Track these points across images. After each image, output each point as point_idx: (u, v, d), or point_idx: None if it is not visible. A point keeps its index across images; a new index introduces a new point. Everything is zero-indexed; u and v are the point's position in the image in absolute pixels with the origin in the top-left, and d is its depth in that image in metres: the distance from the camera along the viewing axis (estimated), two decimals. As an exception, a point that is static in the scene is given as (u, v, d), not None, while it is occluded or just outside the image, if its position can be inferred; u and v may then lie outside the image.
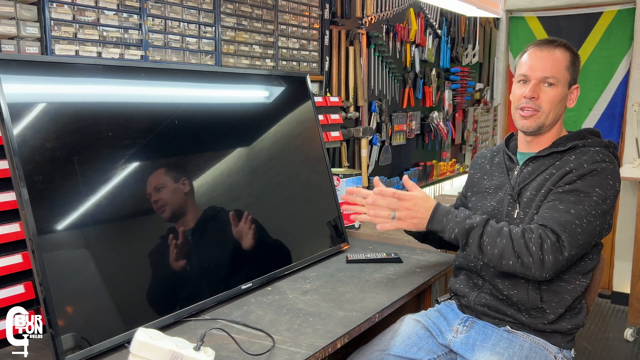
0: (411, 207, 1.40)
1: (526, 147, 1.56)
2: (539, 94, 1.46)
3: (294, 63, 2.33)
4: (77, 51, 1.52)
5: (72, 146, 1.26)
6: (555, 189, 1.40)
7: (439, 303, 1.67)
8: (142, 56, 1.69)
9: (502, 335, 1.46)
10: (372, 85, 2.96)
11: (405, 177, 1.47)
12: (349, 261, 1.86)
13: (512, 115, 1.55)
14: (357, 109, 2.77)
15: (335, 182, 2.13)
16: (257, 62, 2.13)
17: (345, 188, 1.57)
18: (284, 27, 2.25)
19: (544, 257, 1.30)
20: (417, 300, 1.91)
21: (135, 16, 1.67)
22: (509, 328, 1.47)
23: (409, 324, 1.56)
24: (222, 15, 1.96)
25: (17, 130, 1.17)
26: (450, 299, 1.66)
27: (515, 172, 1.53)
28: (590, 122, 3.97)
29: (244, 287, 1.56)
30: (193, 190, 1.52)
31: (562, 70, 1.46)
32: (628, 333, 3.16)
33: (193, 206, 1.52)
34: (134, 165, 1.39)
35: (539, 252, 1.30)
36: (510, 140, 1.65)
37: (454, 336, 1.50)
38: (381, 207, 1.43)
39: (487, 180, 1.62)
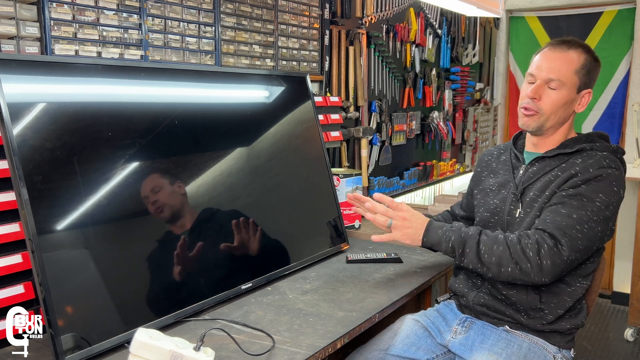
0: (407, 217, 1.48)
1: (533, 147, 1.55)
2: (541, 96, 1.44)
3: (294, 63, 2.33)
4: (77, 51, 1.52)
5: (72, 146, 1.26)
6: (558, 191, 1.40)
7: (438, 303, 1.67)
8: (142, 56, 1.69)
9: (500, 335, 1.46)
10: (372, 85, 2.96)
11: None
12: (349, 261, 1.86)
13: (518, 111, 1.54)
14: (357, 109, 2.77)
15: (335, 182, 2.12)
16: (257, 62, 2.13)
17: (346, 194, 1.70)
18: (284, 27, 2.25)
19: (542, 261, 1.30)
20: (417, 300, 1.91)
21: (135, 16, 1.67)
22: (508, 328, 1.47)
23: (408, 324, 1.57)
24: (222, 15, 1.96)
25: (17, 130, 1.17)
26: (449, 298, 1.66)
27: (521, 171, 1.53)
28: (590, 122, 3.97)
29: (244, 287, 1.56)
30: (193, 191, 1.52)
31: (570, 73, 1.42)
32: (628, 333, 3.16)
33: (193, 206, 1.52)
34: (133, 165, 1.39)
35: (536, 257, 1.30)
36: (518, 138, 1.64)
37: (453, 337, 1.50)
38: (379, 212, 1.50)
39: (493, 178, 1.61)
